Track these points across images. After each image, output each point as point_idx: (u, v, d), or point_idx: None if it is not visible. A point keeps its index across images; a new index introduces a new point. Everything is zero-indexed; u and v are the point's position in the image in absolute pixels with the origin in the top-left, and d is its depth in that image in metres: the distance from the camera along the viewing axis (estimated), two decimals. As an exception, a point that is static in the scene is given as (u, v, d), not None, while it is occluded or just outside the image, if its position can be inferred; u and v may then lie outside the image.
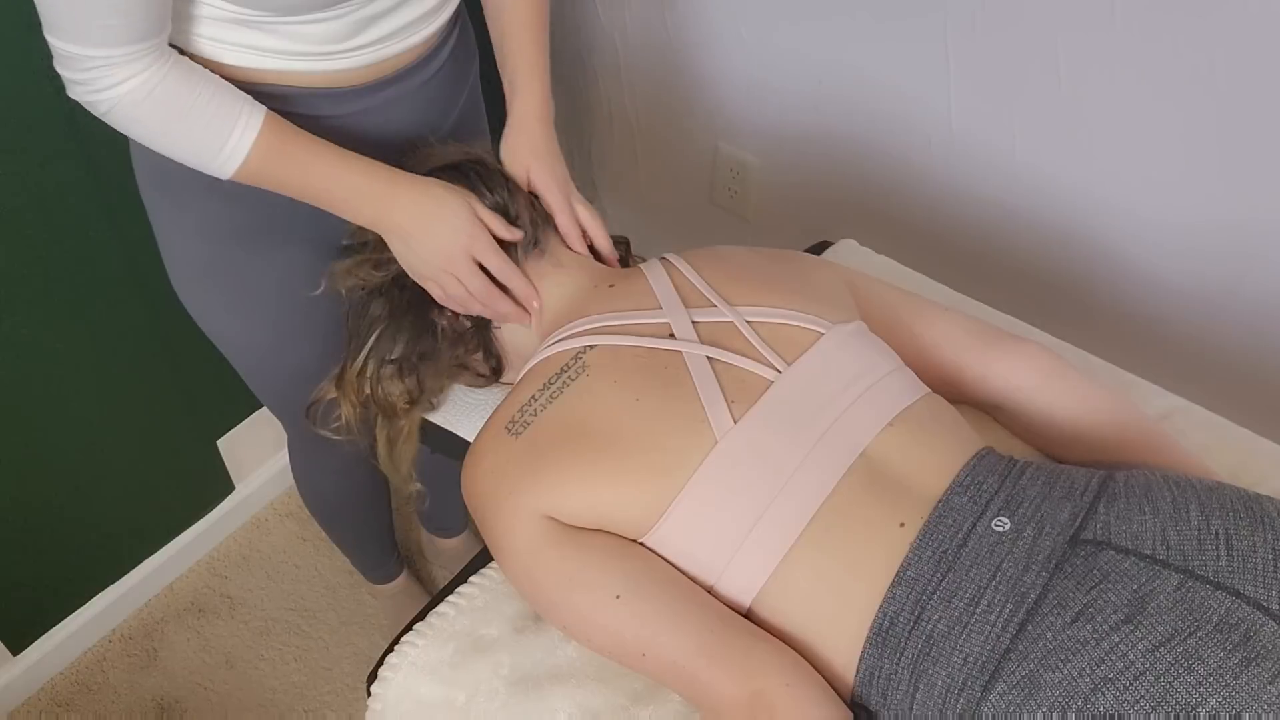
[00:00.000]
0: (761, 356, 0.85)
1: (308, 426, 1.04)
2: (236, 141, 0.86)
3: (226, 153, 0.86)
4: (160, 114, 0.85)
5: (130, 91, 0.82)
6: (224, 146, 0.86)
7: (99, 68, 0.81)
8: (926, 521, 0.76)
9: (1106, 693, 0.64)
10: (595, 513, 0.81)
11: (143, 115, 0.84)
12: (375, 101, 0.97)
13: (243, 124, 0.86)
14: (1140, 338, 1.36)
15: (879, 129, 1.49)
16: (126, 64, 0.81)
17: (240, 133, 0.86)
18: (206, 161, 0.87)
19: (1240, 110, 1.13)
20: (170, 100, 0.84)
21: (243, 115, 0.86)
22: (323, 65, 0.92)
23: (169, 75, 0.83)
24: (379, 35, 0.92)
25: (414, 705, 0.85)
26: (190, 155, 0.87)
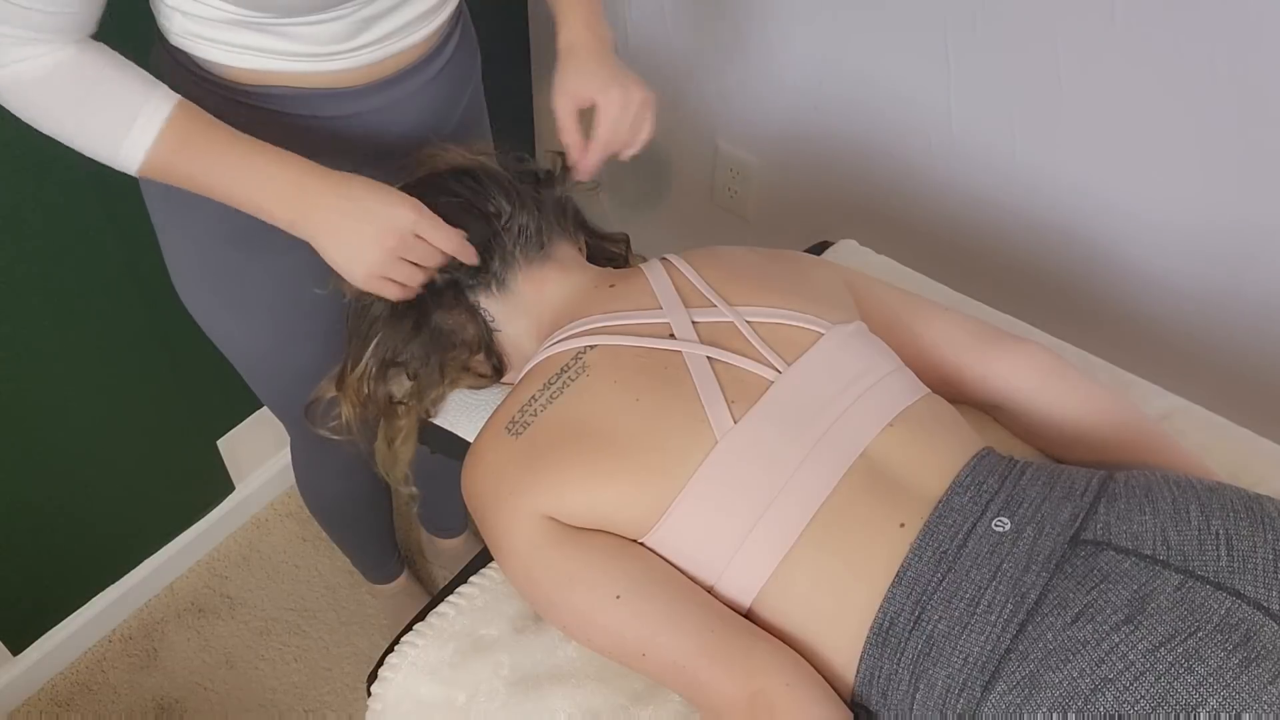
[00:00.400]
0: (761, 357, 0.85)
1: (307, 425, 1.04)
2: (140, 131, 0.79)
3: (130, 143, 0.79)
4: (58, 97, 0.78)
5: (31, 70, 0.77)
6: (127, 135, 0.79)
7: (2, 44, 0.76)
8: (927, 522, 0.76)
9: (1107, 693, 0.64)
10: (595, 513, 0.81)
11: (39, 98, 0.78)
12: (378, 102, 0.97)
13: (149, 110, 0.79)
14: (1140, 338, 1.36)
15: (879, 129, 1.49)
16: (31, 44, 0.76)
17: (145, 120, 0.79)
18: (110, 152, 0.80)
19: (1240, 110, 1.13)
20: (70, 82, 0.78)
21: (150, 102, 0.79)
22: (324, 66, 0.91)
23: (75, 57, 0.78)
24: (380, 35, 0.92)
25: (414, 705, 0.85)
26: (92, 145, 0.81)
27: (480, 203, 0.97)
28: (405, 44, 0.95)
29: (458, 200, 0.96)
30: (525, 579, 0.83)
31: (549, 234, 1.00)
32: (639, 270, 0.97)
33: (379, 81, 0.96)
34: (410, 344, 0.96)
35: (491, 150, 1.04)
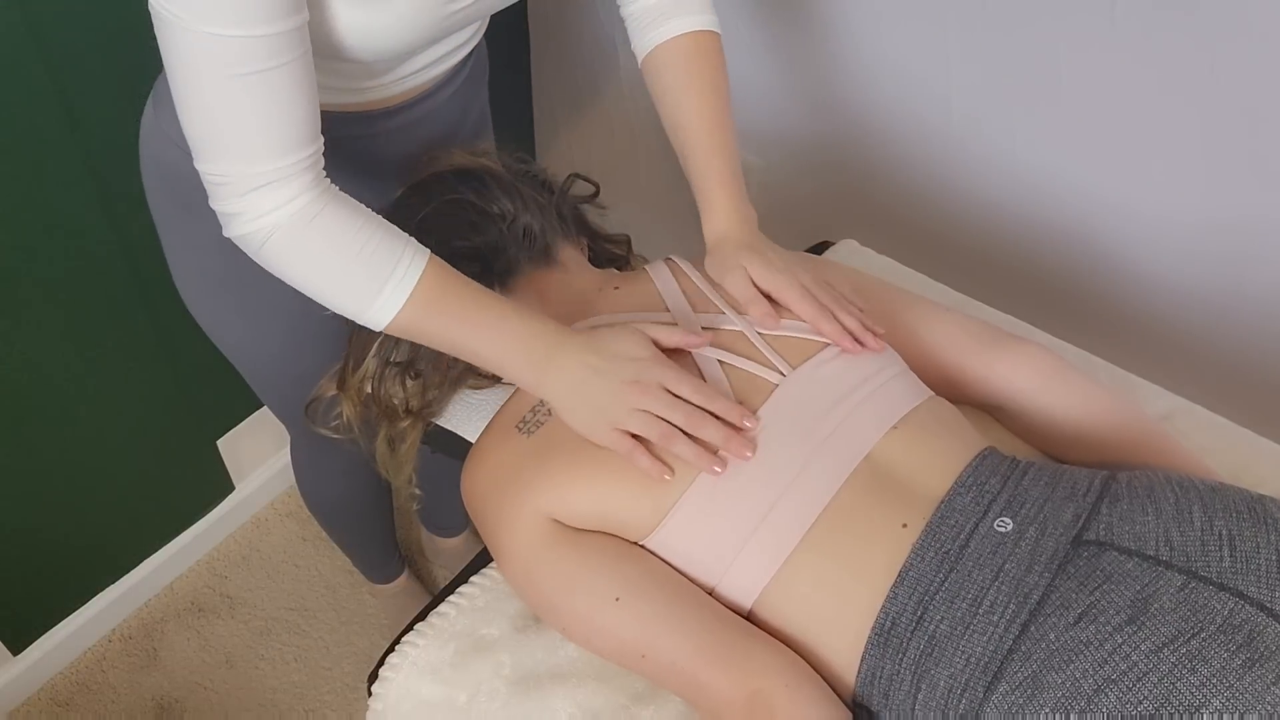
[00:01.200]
0: (767, 360, 0.85)
1: (307, 425, 1.04)
2: (393, 292, 0.78)
3: (381, 303, 0.78)
4: (318, 248, 0.78)
5: (291, 217, 0.76)
6: (378, 295, 0.78)
7: (255, 190, 0.75)
8: (929, 522, 0.76)
9: (1110, 694, 0.64)
10: (599, 513, 0.81)
11: (301, 247, 0.77)
12: (402, 120, 0.98)
13: (401, 272, 0.78)
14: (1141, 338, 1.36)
15: (879, 129, 1.49)
16: (284, 183, 0.75)
17: (398, 282, 0.78)
18: (357, 309, 0.79)
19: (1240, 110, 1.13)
20: (330, 232, 0.78)
21: (402, 262, 0.79)
22: (354, 97, 0.93)
23: (330, 207, 0.78)
24: (414, 69, 0.94)
25: (415, 705, 0.85)
26: (340, 303, 0.79)
27: (484, 204, 0.97)
28: (435, 73, 0.97)
29: (461, 200, 0.97)
30: (525, 580, 0.83)
31: (552, 236, 1.00)
32: (644, 272, 0.97)
33: (404, 103, 0.97)
34: (411, 345, 0.96)
35: (494, 151, 1.04)
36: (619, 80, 1.80)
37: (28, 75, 1.12)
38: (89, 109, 1.19)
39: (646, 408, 0.78)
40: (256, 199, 0.75)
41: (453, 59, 0.98)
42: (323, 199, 0.78)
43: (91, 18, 1.14)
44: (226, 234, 0.79)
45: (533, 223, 0.98)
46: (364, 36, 0.81)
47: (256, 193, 0.75)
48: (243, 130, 0.74)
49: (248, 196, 0.75)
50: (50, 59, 1.13)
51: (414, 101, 0.98)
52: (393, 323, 0.79)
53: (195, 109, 0.74)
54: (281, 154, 0.75)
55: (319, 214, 0.77)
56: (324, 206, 0.78)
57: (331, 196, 0.79)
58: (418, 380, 0.98)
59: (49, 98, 1.15)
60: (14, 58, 1.10)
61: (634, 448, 0.78)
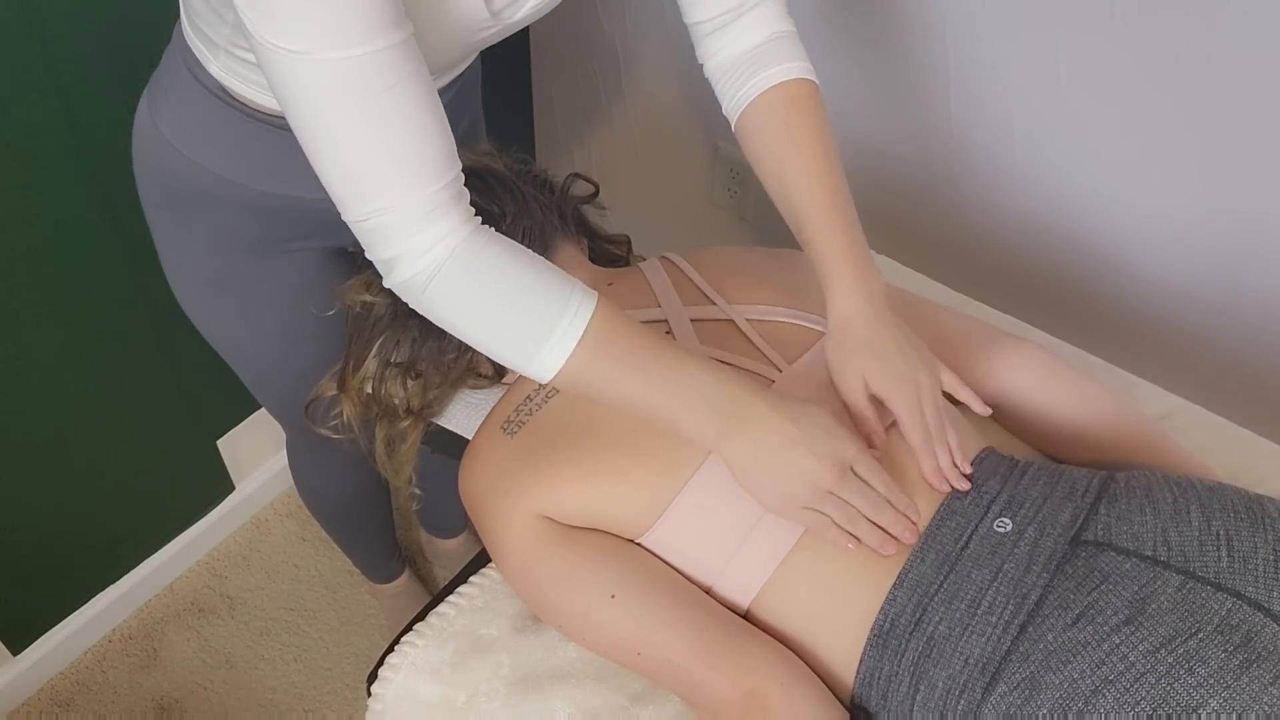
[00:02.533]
0: (762, 356, 0.85)
1: (307, 425, 1.04)
2: (560, 339, 0.71)
3: (548, 352, 0.72)
4: (483, 286, 0.72)
5: (453, 252, 0.71)
6: (545, 343, 0.71)
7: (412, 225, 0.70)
8: (929, 523, 0.76)
9: (1108, 694, 0.64)
10: (589, 512, 0.81)
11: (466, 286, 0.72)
12: None
13: (569, 317, 0.71)
14: (1140, 338, 1.36)
15: (879, 129, 1.49)
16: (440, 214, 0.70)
17: (566, 328, 0.71)
18: (523, 361, 0.72)
19: (1240, 110, 1.13)
20: (495, 269, 0.72)
21: (570, 306, 0.72)
22: None
23: (492, 241, 0.73)
24: None
25: (414, 705, 0.85)
26: (509, 344, 0.73)
27: (485, 203, 0.97)
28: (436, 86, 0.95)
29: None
30: (521, 578, 0.83)
31: (552, 235, 1.00)
32: (637, 269, 0.97)
33: None
34: (413, 345, 0.96)
35: (494, 152, 1.04)
36: (619, 80, 1.80)
37: (28, 75, 1.12)
38: (89, 109, 1.19)
39: (838, 492, 0.74)
40: (416, 237, 0.70)
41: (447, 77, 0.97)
42: (483, 233, 0.73)
43: (91, 17, 1.14)
44: (387, 284, 0.74)
45: (533, 222, 0.98)
46: None
47: (414, 228, 0.70)
48: (383, 156, 0.69)
49: (406, 234, 0.71)
50: (50, 59, 1.13)
51: None
52: (561, 372, 0.72)
53: (328, 149, 0.69)
54: (429, 178, 0.70)
55: (483, 249, 0.72)
56: (486, 242, 0.73)
57: (490, 232, 0.74)
58: (418, 380, 0.98)
59: (49, 98, 1.15)
60: (14, 58, 1.10)
61: (825, 525, 0.75)
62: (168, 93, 0.92)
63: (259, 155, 0.91)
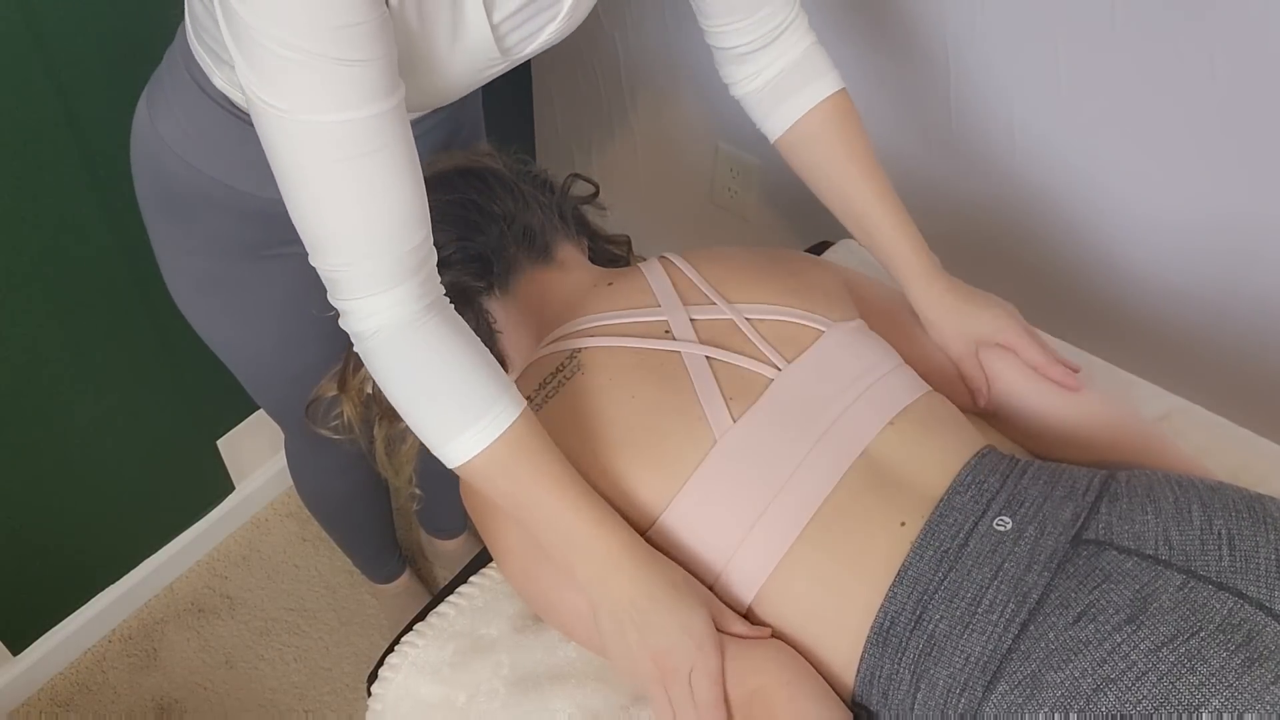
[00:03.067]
0: (761, 354, 0.85)
1: (307, 425, 1.04)
2: (476, 436, 0.73)
3: (460, 442, 0.73)
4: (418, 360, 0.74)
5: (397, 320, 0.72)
6: (460, 434, 0.73)
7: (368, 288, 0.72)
8: (928, 520, 0.76)
9: (1109, 693, 0.64)
10: None
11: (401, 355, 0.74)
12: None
13: (489, 419, 0.73)
14: (1140, 338, 1.36)
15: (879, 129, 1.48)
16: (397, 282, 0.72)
17: (483, 428, 0.73)
18: (437, 442, 0.75)
19: (1240, 110, 1.13)
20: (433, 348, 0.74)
21: (493, 409, 0.73)
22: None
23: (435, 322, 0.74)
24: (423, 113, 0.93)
25: (414, 705, 0.85)
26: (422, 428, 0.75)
27: (486, 203, 0.97)
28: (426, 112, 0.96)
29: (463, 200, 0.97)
30: (523, 579, 0.83)
31: (552, 235, 1.00)
32: (637, 269, 0.97)
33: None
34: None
35: (494, 152, 1.04)
36: (619, 80, 1.80)
37: (28, 75, 1.12)
38: (89, 109, 1.19)
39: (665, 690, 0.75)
40: (369, 299, 0.72)
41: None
42: (435, 311, 0.74)
43: (91, 18, 1.14)
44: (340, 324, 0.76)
45: (533, 222, 0.98)
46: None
47: (369, 290, 0.72)
48: (353, 219, 0.70)
49: (360, 292, 0.72)
50: (50, 59, 1.13)
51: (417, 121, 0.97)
52: (466, 466, 0.74)
53: (305, 203, 0.70)
54: (394, 244, 0.71)
55: (428, 327, 0.74)
56: (437, 322, 0.74)
57: (446, 311, 0.76)
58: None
59: (49, 98, 1.15)
60: (14, 58, 1.10)
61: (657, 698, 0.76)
62: (167, 95, 0.92)
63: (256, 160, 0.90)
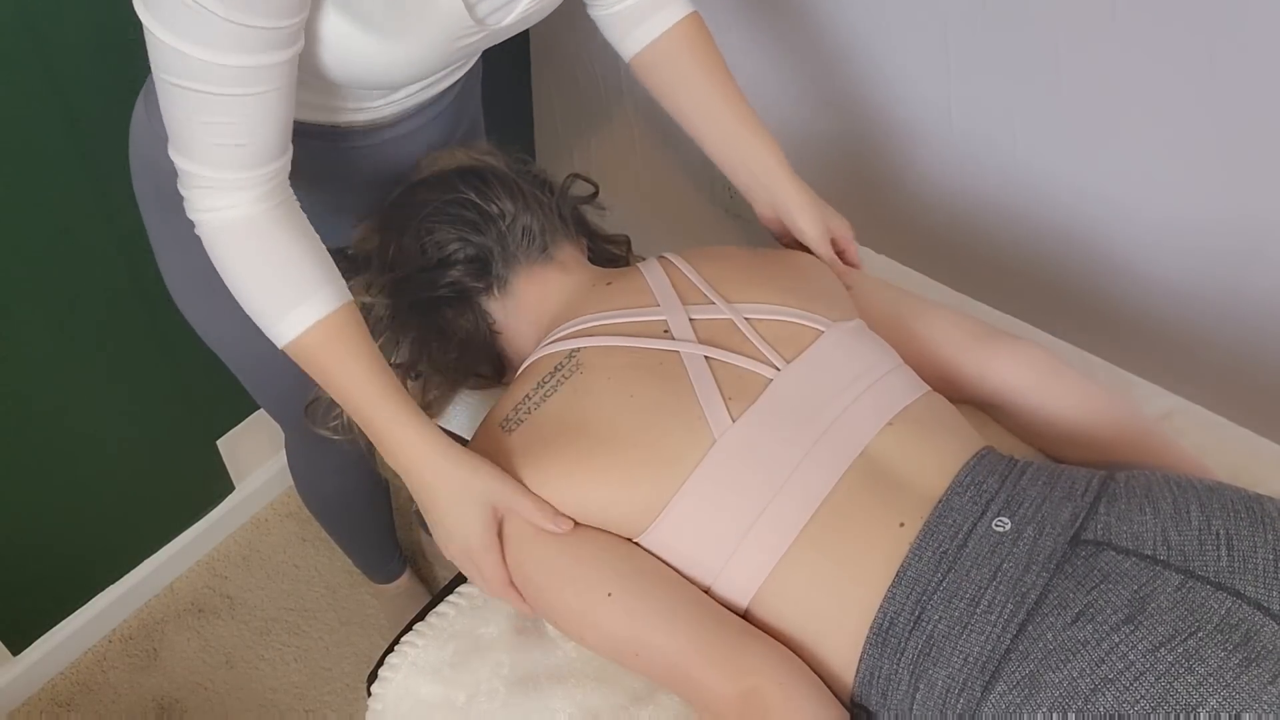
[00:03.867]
0: (760, 354, 0.85)
1: (307, 425, 1.04)
2: (297, 318, 0.79)
3: (285, 324, 0.80)
4: (245, 255, 0.80)
5: (225, 221, 0.78)
6: (284, 317, 0.79)
7: (204, 189, 0.77)
8: (926, 521, 0.76)
9: (1107, 693, 0.64)
10: (587, 511, 0.81)
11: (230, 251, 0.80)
12: (398, 132, 0.99)
13: (312, 303, 0.79)
14: (1140, 338, 1.36)
15: (879, 129, 1.49)
16: (232, 191, 0.77)
17: (305, 311, 0.79)
18: (266, 323, 0.81)
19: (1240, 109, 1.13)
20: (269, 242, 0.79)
21: (317, 295, 0.80)
22: (352, 117, 0.93)
23: (268, 217, 0.79)
24: (410, 91, 0.94)
25: (414, 705, 0.85)
26: (253, 310, 0.81)
27: (485, 203, 0.97)
28: (425, 98, 0.97)
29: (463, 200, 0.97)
30: (519, 575, 0.83)
31: (552, 235, 1.00)
32: (636, 269, 0.97)
33: (400, 116, 0.98)
34: (413, 346, 0.97)
35: (495, 151, 1.04)
36: (619, 80, 1.80)
37: (27, 75, 1.12)
38: (89, 109, 1.19)
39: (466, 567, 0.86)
40: (213, 196, 0.77)
41: (454, 77, 0.98)
42: (277, 210, 0.79)
43: (91, 18, 1.14)
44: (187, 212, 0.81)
45: (533, 222, 0.98)
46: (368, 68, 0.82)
47: (214, 191, 0.77)
48: (207, 142, 0.75)
49: (205, 191, 0.77)
50: (50, 59, 1.13)
51: (410, 114, 0.98)
52: (289, 346, 0.81)
53: (169, 110, 0.75)
54: (250, 167, 0.76)
55: (253, 224, 0.79)
56: (275, 218, 0.79)
57: (285, 209, 0.80)
58: (419, 381, 0.98)
59: (49, 98, 1.15)
60: (14, 58, 1.10)
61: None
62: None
63: None
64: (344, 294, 0.81)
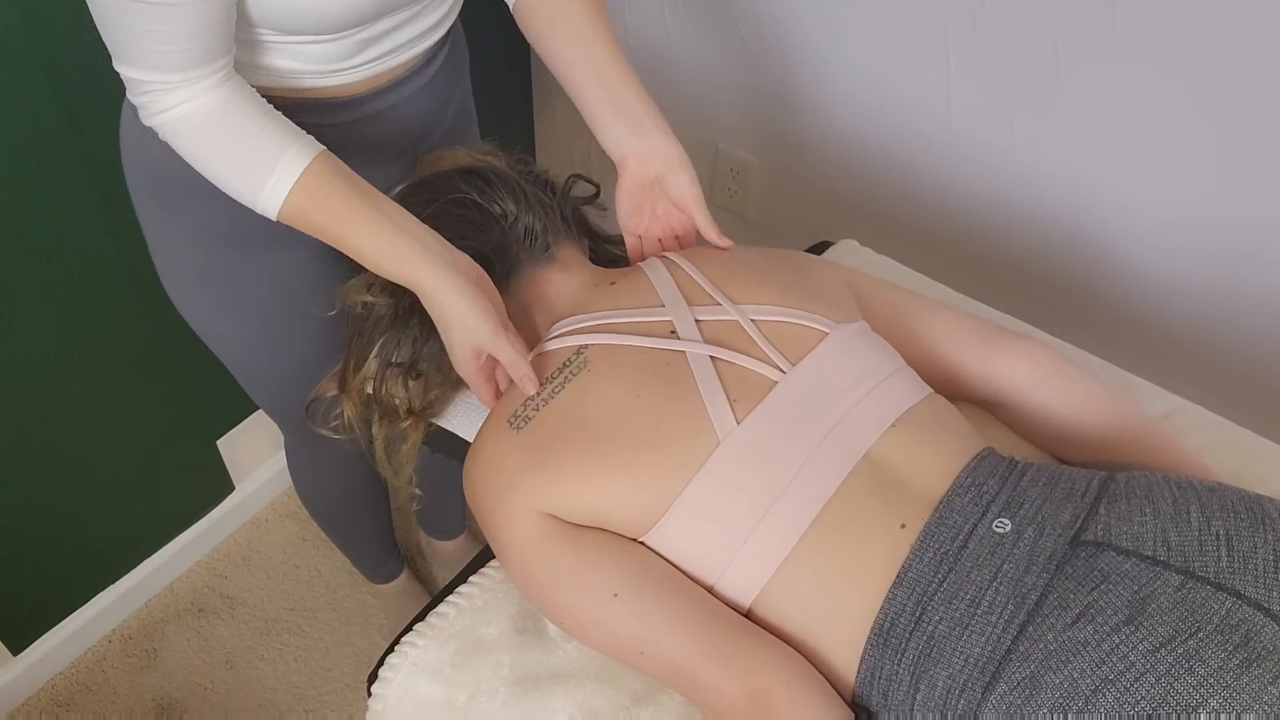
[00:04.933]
0: (766, 356, 0.85)
1: (307, 425, 1.04)
2: (278, 179, 0.83)
3: (269, 190, 0.83)
4: (211, 142, 0.83)
5: (184, 116, 0.82)
6: (266, 183, 0.83)
7: (154, 92, 0.81)
8: (927, 523, 0.76)
9: (1108, 694, 0.64)
10: (594, 510, 0.81)
11: (196, 142, 0.83)
12: (374, 108, 0.98)
13: (287, 160, 0.83)
14: (1140, 338, 1.36)
15: (879, 129, 1.49)
16: (182, 88, 0.80)
17: (283, 170, 0.82)
18: (252, 198, 0.84)
19: (1240, 110, 1.13)
20: (221, 128, 0.82)
21: (289, 150, 0.83)
22: (323, 81, 0.93)
23: (225, 100, 0.82)
24: (379, 53, 0.93)
25: (414, 705, 0.85)
26: (237, 190, 0.84)
27: (487, 203, 0.97)
28: (403, 59, 0.96)
29: (464, 200, 0.97)
30: (523, 575, 0.83)
31: (554, 236, 1.00)
32: (639, 269, 0.97)
33: (375, 90, 0.97)
34: (414, 345, 0.96)
35: (497, 152, 1.04)
36: (619, 80, 1.80)
37: (28, 75, 1.12)
38: (89, 109, 1.19)
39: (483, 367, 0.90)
40: (165, 97, 0.81)
41: (424, 42, 0.97)
42: (230, 94, 0.82)
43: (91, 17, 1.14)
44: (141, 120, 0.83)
45: (535, 222, 0.98)
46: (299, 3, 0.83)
47: (165, 92, 0.80)
48: (152, 49, 0.78)
49: (156, 95, 0.81)
50: (50, 59, 1.13)
51: (387, 88, 0.97)
52: (282, 211, 0.84)
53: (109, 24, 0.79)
54: (191, 68, 0.79)
55: (212, 110, 0.82)
56: (218, 101, 0.82)
57: (234, 88, 0.83)
58: (419, 380, 0.98)
59: (49, 98, 1.15)
60: (14, 58, 1.10)
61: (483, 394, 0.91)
62: None
63: None
64: (313, 146, 0.84)
